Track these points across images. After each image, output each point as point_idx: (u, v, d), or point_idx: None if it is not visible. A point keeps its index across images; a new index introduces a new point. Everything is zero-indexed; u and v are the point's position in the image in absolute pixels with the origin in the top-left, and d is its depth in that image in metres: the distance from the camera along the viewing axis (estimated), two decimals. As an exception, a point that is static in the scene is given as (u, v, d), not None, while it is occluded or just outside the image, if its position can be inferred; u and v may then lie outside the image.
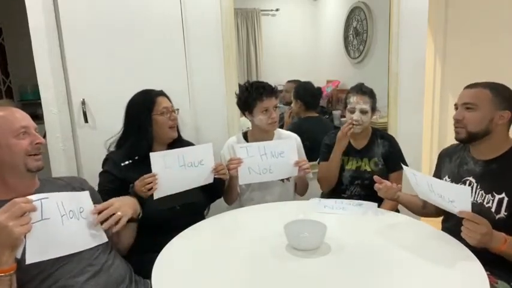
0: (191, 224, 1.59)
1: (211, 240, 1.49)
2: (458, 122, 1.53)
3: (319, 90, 2.84)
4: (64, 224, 1.18)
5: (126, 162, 1.70)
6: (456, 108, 1.55)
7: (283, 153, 1.86)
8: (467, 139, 1.52)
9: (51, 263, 1.18)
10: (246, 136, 2.09)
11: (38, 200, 1.12)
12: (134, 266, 1.46)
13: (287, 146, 1.89)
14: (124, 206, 1.36)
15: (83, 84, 2.13)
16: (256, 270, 1.26)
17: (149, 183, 1.54)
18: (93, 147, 2.06)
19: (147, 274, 1.28)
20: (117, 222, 1.31)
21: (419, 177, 1.49)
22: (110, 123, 1.82)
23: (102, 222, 1.29)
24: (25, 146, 1.24)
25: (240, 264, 1.30)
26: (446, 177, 1.65)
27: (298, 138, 2.12)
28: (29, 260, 1.09)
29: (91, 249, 1.28)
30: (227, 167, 1.82)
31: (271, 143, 1.92)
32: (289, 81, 3.07)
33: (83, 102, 2.14)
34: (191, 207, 1.76)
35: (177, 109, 1.84)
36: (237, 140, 2.08)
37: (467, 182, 1.54)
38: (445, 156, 1.72)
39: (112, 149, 1.80)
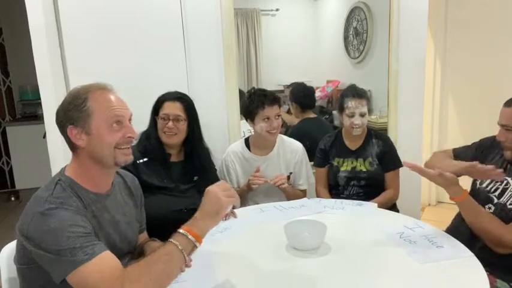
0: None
1: (211, 240, 1.49)
2: (502, 143, 1.47)
3: (310, 89, 2.82)
4: None
5: (141, 160, 1.80)
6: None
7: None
8: None
9: None
10: (248, 142, 2.09)
11: None
12: None
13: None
14: None
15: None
16: (256, 270, 1.26)
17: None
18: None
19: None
20: None
21: None
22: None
23: None
24: (116, 139, 1.14)
25: (240, 264, 1.31)
26: None
27: (304, 149, 2.11)
28: None
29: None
30: (250, 181, 1.91)
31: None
32: (289, 86, 3.01)
33: (83, 102, 2.13)
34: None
35: (185, 120, 1.83)
36: (239, 147, 2.08)
37: (504, 182, 1.49)
38: (489, 147, 1.62)
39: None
